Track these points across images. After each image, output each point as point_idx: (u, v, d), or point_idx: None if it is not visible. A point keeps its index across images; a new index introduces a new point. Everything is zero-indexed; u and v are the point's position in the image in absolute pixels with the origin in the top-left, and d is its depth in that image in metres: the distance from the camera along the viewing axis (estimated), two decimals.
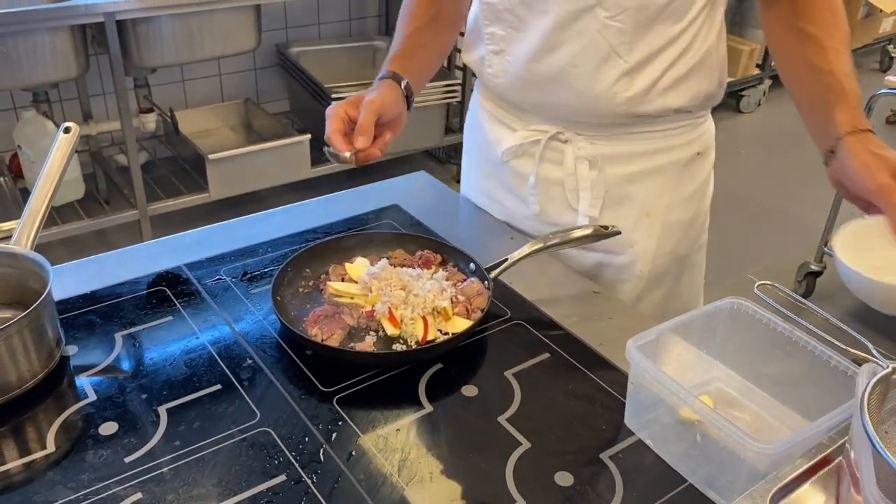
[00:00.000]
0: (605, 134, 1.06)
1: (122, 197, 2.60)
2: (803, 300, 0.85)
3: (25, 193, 2.40)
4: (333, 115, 0.98)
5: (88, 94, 2.62)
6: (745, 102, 3.87)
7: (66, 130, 0.95)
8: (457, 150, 3.18)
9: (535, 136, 1.10)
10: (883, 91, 2.11)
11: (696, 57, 1.01)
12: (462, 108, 3.04)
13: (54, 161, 0.93)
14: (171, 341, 0.90)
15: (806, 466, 0.65)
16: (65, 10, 2.12)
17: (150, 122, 2.65)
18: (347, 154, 0.95)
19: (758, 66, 3.86)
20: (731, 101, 3.91)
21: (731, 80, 3.75)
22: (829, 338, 0.82)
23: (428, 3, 1.11)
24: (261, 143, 2.61)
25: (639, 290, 1.13)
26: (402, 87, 1.03)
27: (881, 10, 4.05)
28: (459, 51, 1.30)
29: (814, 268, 2.47)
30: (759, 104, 3.95)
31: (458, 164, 3.09)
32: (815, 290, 2.53)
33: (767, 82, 3.93)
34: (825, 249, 2.39)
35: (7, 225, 2.14)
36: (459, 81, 2.92)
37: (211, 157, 2.46)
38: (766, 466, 0.68)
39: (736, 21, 4.02)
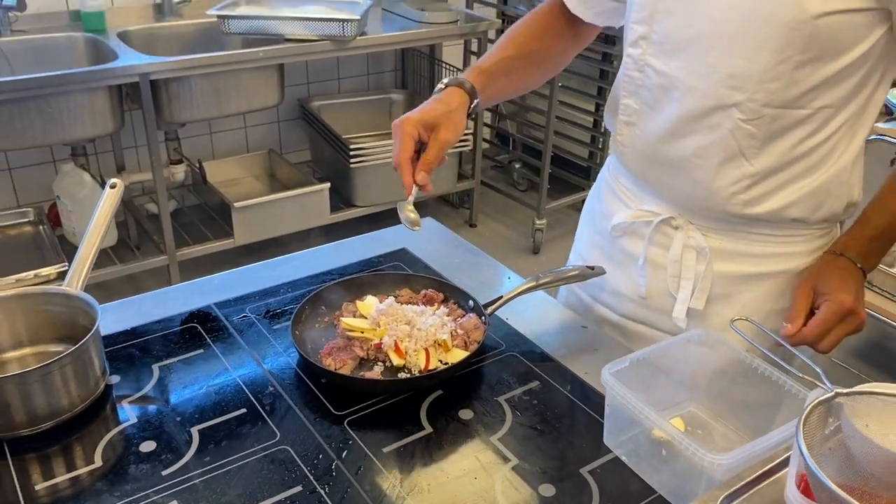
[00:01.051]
0: (718, 227, 1.04)
1: (152, 243, 2.75)
2: (771, 333, 0.94)
3: (63, 240, 2.56)
4: (405, 135, 0.98)
5: (122, 147, 2.79)
6: None
7: (112, 186, 1.08)
8: (469, 195, 3.32)
9: (647, 217, 1.10)
10: (873, 137, 2.21)
11: (826, 174, 0.98)
12: (474, 155, 3.18)
13: (101, 213, 1.06)
14: (202, 371, 1.01)
15: (753, 476, 0.75)
16: (104, 72, 2.29)
17: (180, 172, 2.81)
18: (415, 219, 1.00)
19: None
20: None
21: None
22: (787, 366, 0.92)
23: (531, 38, 1.14)
24: (283, 191, 2.75)
25: None
26: (472, 107, 1.05)
27: None
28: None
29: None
30: None
31: (471, 208, 3.24)
32: None
33: None
34: None
35: (46, 270, 2.28)
36: (471, 131, 3.07)
37: (236, 204, 2.61)
38: (721, 476, 0.77)
39: None
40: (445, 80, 1.07)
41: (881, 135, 2.19)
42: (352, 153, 2.75)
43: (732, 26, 0.91)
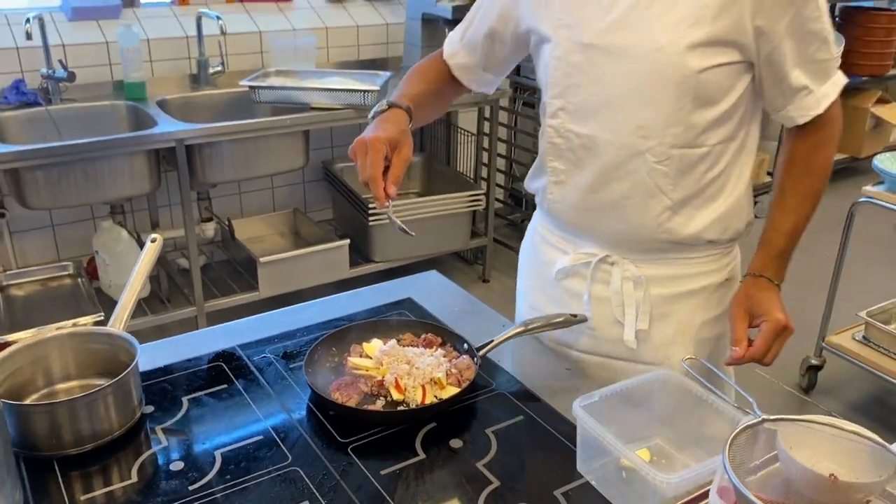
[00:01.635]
0: (648, 258, 1.23)
1: (182, 296, 2.91)
2: (718, 371, 1.06)
3: (99, 293, 2.74)
4: (377, 152, 1.08)
5: (158, 205, 2.99)
6: (758, 207, 4.09)
7: (153, 240, 1.23)
8: (482, 251, 3.46)
9: (585, 259, 1.26)
10: (863, 199, 2.33)
11: (729, 199, 1.20)
12: (487, 214, 3.34)
13: (143, 263, 1.21)
14: (225, 404, 1.15)
15: (698, 493, 0.86)
16: (144, 138, 2.50)
17: (210, 229, 2.99)
18: (399, 223, 1.14)
19: (769, 174, 4.11)
20: None
21: None
22: (727, 399, 1.03)
23: (436, 79, 1.34)
24: (306, 247, 2.92)
25: None
26: (409, 114, 1.19)
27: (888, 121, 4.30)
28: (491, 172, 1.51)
29: (814, 362, 2.62)
30: None
31: (484, 264, 3.39)
32: (817, 383, 2.67)
33: None
34: (823, 345, 2.56)
35: (83, 319, 2.44)
36: (484, 191, 3.23)
37: (262, 260, 2.77)
38: (672, 493, 0.89)
39: None
40: (385, 102, 1.20)
41: (870, 197, 2.30)
42: (370, 212, 2.92)
43: (634, 89, 1.13)
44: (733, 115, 1.15)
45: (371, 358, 1.20)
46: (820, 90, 1.16)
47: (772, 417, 0.84)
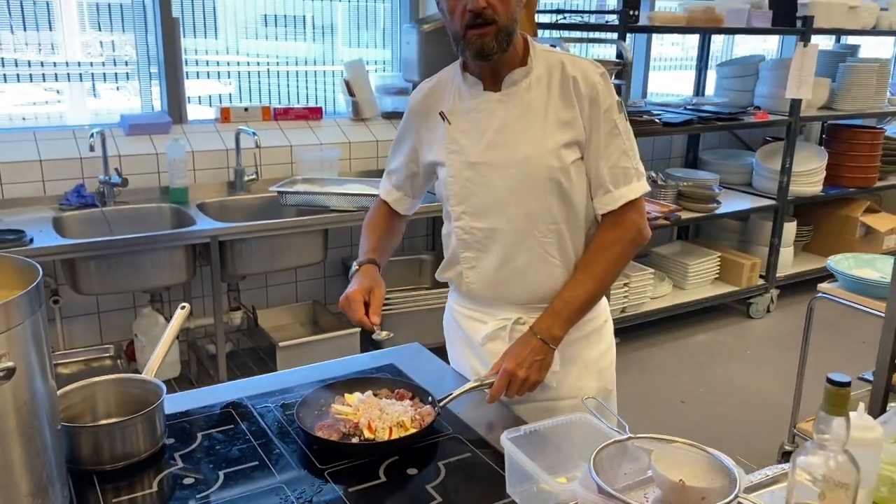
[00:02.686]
0: (544, 311, 1.55)
1: (209, 378, 3.20)
2: (606, 406, 1.31)
3: (136, 373, 3.04)
4: (357, 302, 1.54)
5: (192, 295, 3.33)
6: (753, 309, 4.32)
7: (182, 307, 1.55)
8: None
9: (502, 324, 1.61)
10: (820, 295, 2.58)
11: None
12: None
13: (173, 326, 1.52)
14: (231, 438, 1.42)
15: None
16: (183, 234, 2.87)
17: (237, 318, 3.32)
18: (383, 333, 1.55)
19: (761, 276, 4.34)
20: (741, 308, 4.38)
21: (736, 288, 4.25)
22: (612, 427, 1.27)
23: (384, 224, 1.76)
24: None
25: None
26: (380, 270, 1.64)
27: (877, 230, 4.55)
28: None
29: (788, 448, 2.79)
30: (769, 310, 4.39)
31: None
32: None
33: (774, 291, 4.39)
34: (794, 431, 2.73)
35: None
36: None
37: (281, 344, 3.08)
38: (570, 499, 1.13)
39: (742, 240, 4.59)
40: (356, 263, 1.65)
41: (824, 293, 2.55)
42: None
43: (516, 187, 1.50)
44: (586, 193, 1.53)
45: (351, 406, 1.47)
46: (618, 192, 1.52)
47: (637, 436, 1.09)
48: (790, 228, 4.49)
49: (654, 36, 4.83)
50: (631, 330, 3.93)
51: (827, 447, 0.92)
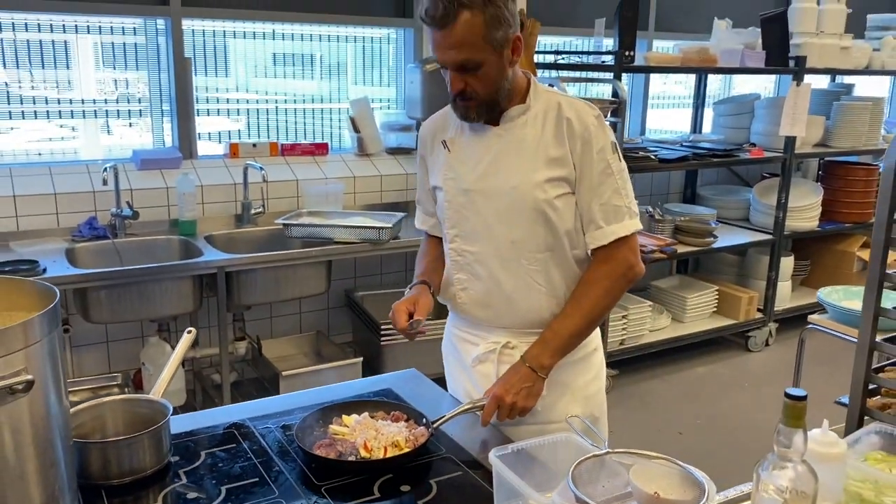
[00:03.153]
0: (535, 340, 1.62)
1: (213, 405, 3.26)
2: (588, 423, 1.37)
3: None
4: (402, 312, 1.63)
5: (198, 324, 3.41)
6: (752, 342, 4.37)
7: (189, 332, 1.63)
8: None
9: (492, 347, 1.69)
10: (810, 326, 2.64)
11: None
12: None
13: (179, 349, 1.60)
14: (233, 456, 1.49)
15: None
16: (190, 265, 2.96)
17: (242, 347, 3.39)
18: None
19: (759, 310, 4.40)
20: (739, 341, 4.42)
21: (734, 321, 4.30)
22: (596, 444, 1.33)
23: (432, 250, 1.81)
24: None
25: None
26: (431, 291, 1.71)
27: None
28: None
29: None
30: (768, 344, 4.43)
31: None
32: None
33: (772, 325, 4.44)
34: None
35: None
36: None
37: (284, 373, 3.14)
38: None
39: (740, 274, 4.65)
40: (412, 284, 1.73)
41: (815, 324, 2.61)
42: (382, 331, 3.30)
43: (504, 215, 1.60)
44: (580, 229, 1.61)
45: (348, 427, 1.54)
46: (608, 228, 1.59)
47: (614, 451, 1.15)
48: (787, 263, 4.55)
49: (660, 75, 4.95)
50: (630, 362, 3.98)
51: (788, 458, 0.98)
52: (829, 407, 2.10)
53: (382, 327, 3.29)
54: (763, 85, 5.66)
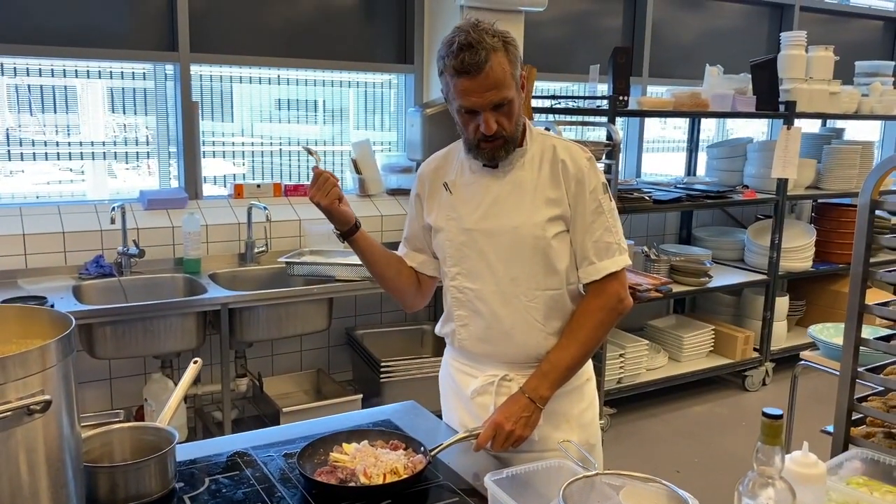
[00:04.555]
0: (533, 372, 1.68)
1: None
2: (580, 448, 1.42)
3: None
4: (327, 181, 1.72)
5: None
6: (749, 381, 4.40)
7: (195, 362, 1.68)
8: None
9: (490, 379, 1.75)
10: (802, 363, 2.68)
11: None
12: None
13: (186, 378, 1.65)
14: (236, 483, 1.53)
15: None
16: (194, 302, 3.02)
17: (243, 384, 3.42)
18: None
19: (755, 349, 4.44)
20: (736, 380, 4.45)
21: (731, 361, 4.34)
22: (586, 467, 1.38)
23: (400, 263, 1.86)
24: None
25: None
26: (356, 225, 1.80)
27: None
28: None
29: None
30: (765, 383, 4.46)
31: None
32: None
33: (769, 364, 4.48)
34: None
35: None
36: None
37: (284, 409, 3.18)
38: None
39: (736, 314, 4.71)
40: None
41: (807, 360, 2.66)
42: (382, 369, 3.34)
43: (504, 254, 1.66)
44: (574, 265, 1.69)
45: (348, 454, 1.58)
46: (601, 264, 1.67)
47: (603, 472, 1.20)
48: (782, 303, 4.61)
49: (659, 119, 5.07)
50: (627, 401, 4.01)
51: (766, 475, 1.03)
52: (817, 437, 2.15)
53: (382, 366, 3.34)
54: (759, 130, 5.79)
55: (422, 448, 1.61)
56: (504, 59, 1.56)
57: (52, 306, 2.78)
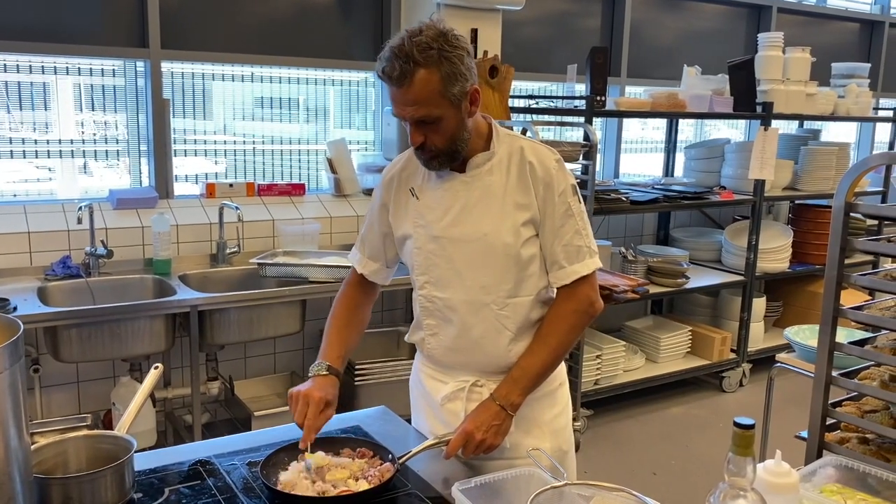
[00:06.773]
0: (503, 379, 1.64)
1: None
2: (558, 465, 1.39)
3: None
4: (317, 406, 1.58)
5: (171, 364, 3.38)
6: (726, 383, 4.40)
7: (156, 367, 1.63)
8: None
9: (461, 385, 1.71)
10: (778, 365, 2.67)
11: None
12: None
13: (146, 385, 1.60)
14: (198, 494, 1.48)
15: None
16: (163, 304, 2.95)
17: (214, 388, 3.36)
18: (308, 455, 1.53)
19: (732, 350, 4.44)
20: (713, 381, 4.45)
21: (708, 362, 4.33)
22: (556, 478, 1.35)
23: (355, 312, 1.84)
24: None
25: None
26: (339, 379, 1.68)
27: None
28: None
29: None
30: (742, 384, 4.46)
31: None
32: None
33: (746, 365, 4.48)
34: None
35: None
36: None
37: (256, 413, 3.12)
38: None
39: (713, 315, 4.71)
40: (324, 364, 1.70)
41: (782, 363, 2.64)
42: (356, 372, 3.29)
43: (473, 262, 1.62)
44: (540, 270, 1.65)
45: (314, 462, 1.54)
46: (571, 268, 1.63)
47: (572, 483, 1.17)
48: (759, 304, 4.61)
49: (639, 119, 5.06)
50: (604, 402, 3.99)
51: (738, 486, 1.00)
52: (792, 441, 2.14)
53: (356, 369, 3.29)
54: (738, 130, 5.80)
55: (390, 455, 1.57)
56: (434, 77, 1.47)
57: (15, 308, 2.71)
